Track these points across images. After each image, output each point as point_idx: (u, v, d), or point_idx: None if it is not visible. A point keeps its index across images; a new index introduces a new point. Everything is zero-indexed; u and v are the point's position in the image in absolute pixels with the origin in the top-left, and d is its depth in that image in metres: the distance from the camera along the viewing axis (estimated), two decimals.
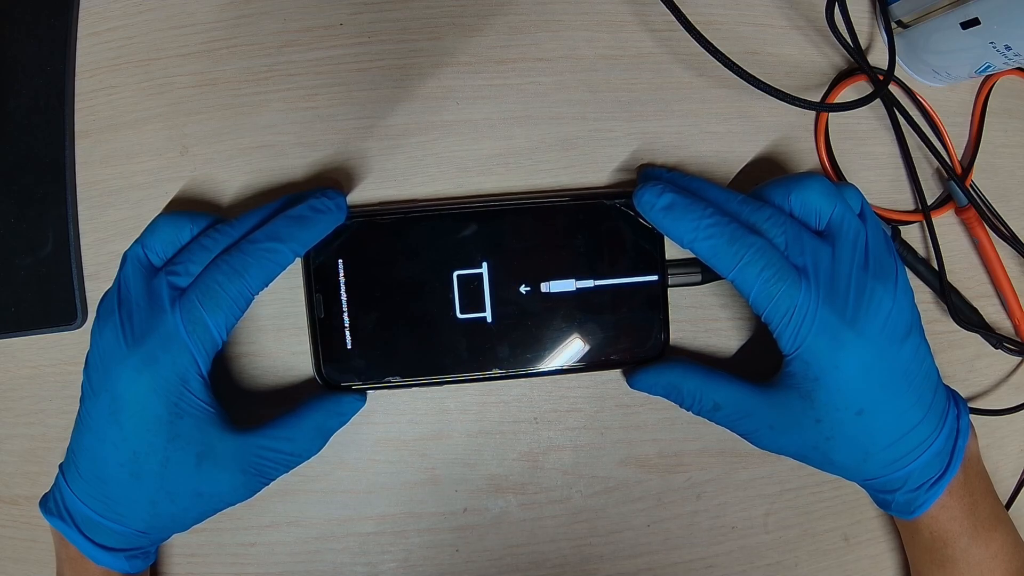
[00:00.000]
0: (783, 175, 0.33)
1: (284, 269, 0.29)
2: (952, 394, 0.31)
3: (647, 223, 0.32)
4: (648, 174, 0.34)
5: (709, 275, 0.34)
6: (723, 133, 0.36)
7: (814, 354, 0.28)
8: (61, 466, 0.30)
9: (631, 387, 0.34)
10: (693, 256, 0.30)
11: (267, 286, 0.29)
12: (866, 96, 0.33)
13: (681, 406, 0.32)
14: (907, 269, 0.36)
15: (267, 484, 0.30)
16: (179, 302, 0.28)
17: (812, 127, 0.36)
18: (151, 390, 0.27)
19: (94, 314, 0.31)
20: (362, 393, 0.33)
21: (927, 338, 0.30)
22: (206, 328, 0.27)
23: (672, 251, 0.33)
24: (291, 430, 0.30)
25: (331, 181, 0.34)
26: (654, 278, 0.33)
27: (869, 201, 0.32)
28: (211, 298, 0.27)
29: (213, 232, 0.29)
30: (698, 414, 0.32)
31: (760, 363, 0.36)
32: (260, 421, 0.30)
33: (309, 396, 0.32)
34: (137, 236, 0.30)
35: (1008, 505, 0.38)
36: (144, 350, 0.27)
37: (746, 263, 0.28)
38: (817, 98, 0.37)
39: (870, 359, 0.28)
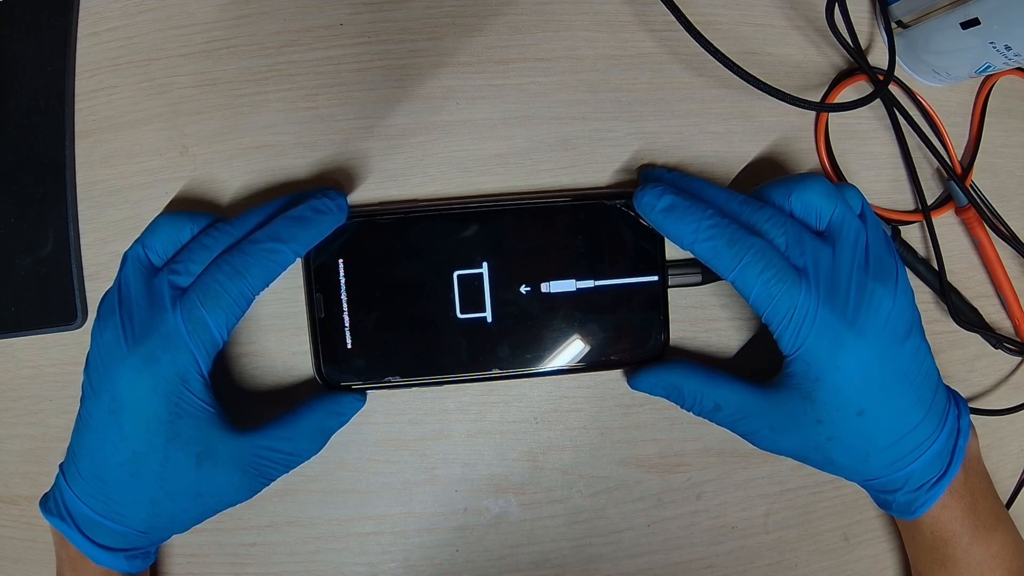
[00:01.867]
0: (783, 175, 0.33)
1: (285, 269, 0.29)
2: (952, 394, 0.31)
3: (647, 224, 0.32)
4: (648, 175, 0.34)
5: (709, 276, 0.34)
6: (723, 133, 0.36)
7: (815, 355, 0.28)
8: (61, 466, 0.30)
9: (632, 388, 0.34)
10: (693, 257, 0.30)
11: (268, 286, 0.29)
12: (866, 96, 0.33)
13: (682, 407, 0.32)
14: (907, 269, 0.36)
15: (267, 484, 0.30)
16: (180, 302, 0.28)
17: (812, 127, 0.36)
18: (151, 390, 0.27)
19: (94, 314, 0.32)
20: (362, 393, 0.33)
21: (927, 338, 0.30)
22: (207, 328, 0.27)
23: (672, 251, 0.33)
24: (291, 430, 0.30)
25: (331, 181, 0.34)
26: (654, 278, 0.33)
27: (869, 201, 0.32)
28: (212, 298, 0.27)
29: (213, 231, 0.29)
30: (699, 415, 0.32)
31: (760, 363, 0.36)
32: (260, 421, 0.30)
33: (309, 396, 0.32)
34: (137, 236, 0.30)
35: (1008, 505, 0.38)
36: (144, 350, 0.27)
37: (746, 264, 0.28)
38: (817, 98, 0.37)
39: (871, 359, 0.28)
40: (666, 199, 0.30)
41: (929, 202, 0.38)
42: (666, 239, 0.33)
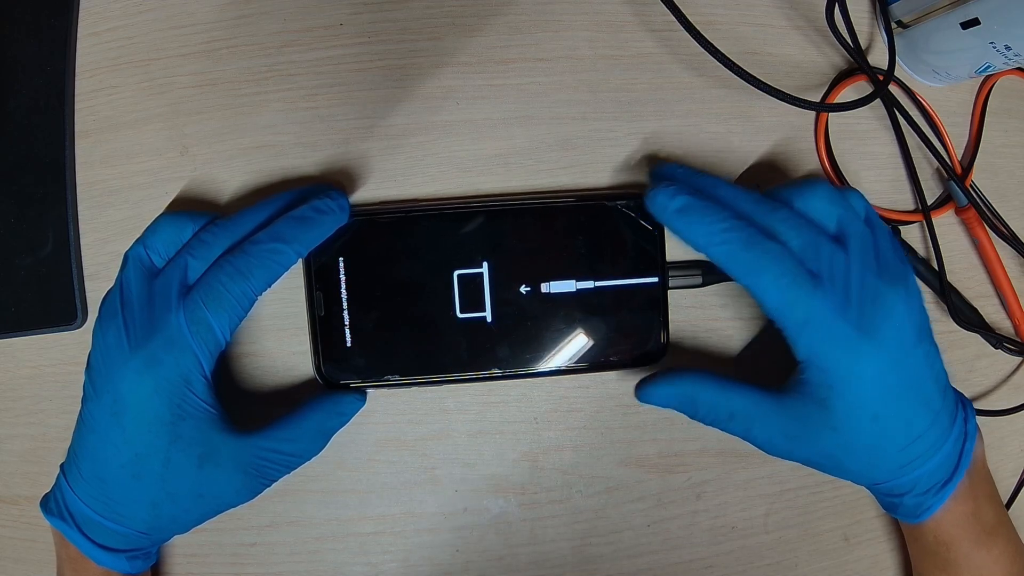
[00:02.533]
0: (785, 181, 0.33)
1: (287, 270, 0.29)
2: (959, 397, 0.31)
3: (648, 224, 0.32)
4: (661, 173, 0.33)
5: (709, 277, 0.34)
6: (723, 133, 0.36)
7: (830, 362, 0.28)
8: (62, 466, 0.30)
9: (640, 402, 0.33)
10: (694, 258, 0.30)
11: (270, 287, 0.29)
12: (866, 96, 0.33)
13: (694, 418, 0.31)
14: None
15: (268, 485, 0.30)
16: (183, 303, 0.28)
17: (812, 127, 0.36)
18: (154, 391, 0.27)
19: (95, 314, 0.31)
20: (362, 393, 0.33)
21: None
22: (210, 329, 0.27)
23: (673, 252, 0.33)
24: (292, 431, 0.30)
25: (332, 181, 0.34)
26: (654, 280, 0.33)
27: (869, 201, 0.32)
28: (215, 299, 0.27)
29: (213, 227, 0.29)
30: (711, 424, 0.31)
31: (761, 363, 0.36)
32: (261, 422, 0.30)
33: (310, 396, 0.32)
34: (138, 236, 0.30)
35: (1008, 505, 0.38)
36: (147, 351, 0.27)
37: (761, 269, 0.28)
38: (817, 98, 0.37)
39: (885, 365, 0.28)
40: (679, 200, 0.29)
41: (929, 202, 0.38)
42: (666, 239, 0.32)
